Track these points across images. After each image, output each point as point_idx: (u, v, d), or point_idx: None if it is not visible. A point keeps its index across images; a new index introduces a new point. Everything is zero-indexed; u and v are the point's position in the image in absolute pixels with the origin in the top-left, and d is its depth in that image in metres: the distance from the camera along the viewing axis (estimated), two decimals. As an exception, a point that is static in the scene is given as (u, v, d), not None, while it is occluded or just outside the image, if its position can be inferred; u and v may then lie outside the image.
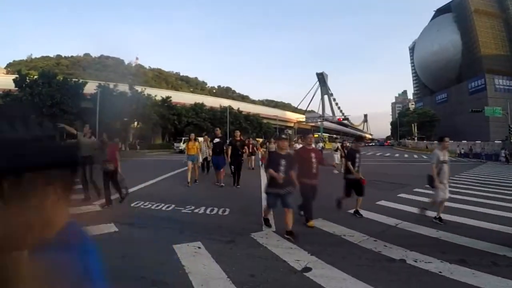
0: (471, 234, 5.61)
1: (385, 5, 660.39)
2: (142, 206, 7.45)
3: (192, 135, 11.47)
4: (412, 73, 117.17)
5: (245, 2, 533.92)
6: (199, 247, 4.62)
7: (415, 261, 4.29)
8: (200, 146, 11.95)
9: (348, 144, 16.49)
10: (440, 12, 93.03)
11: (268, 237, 5.21)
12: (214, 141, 11.01)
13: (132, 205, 7.56)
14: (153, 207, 7.36)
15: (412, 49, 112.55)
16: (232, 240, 5.00)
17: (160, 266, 3.96)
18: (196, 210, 7.11)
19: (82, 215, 6.49)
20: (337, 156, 16.15)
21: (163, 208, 7.25)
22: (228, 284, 3.48)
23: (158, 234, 5.38)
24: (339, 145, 17.39)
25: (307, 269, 3.92)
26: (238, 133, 11.27)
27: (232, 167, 10.70)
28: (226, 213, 6.93)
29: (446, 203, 8.41)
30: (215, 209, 7.16)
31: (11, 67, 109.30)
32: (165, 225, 5.90)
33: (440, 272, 3.96)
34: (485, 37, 75.15)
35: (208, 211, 7.01)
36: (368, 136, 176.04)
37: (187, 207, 7.32)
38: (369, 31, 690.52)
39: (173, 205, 7.46)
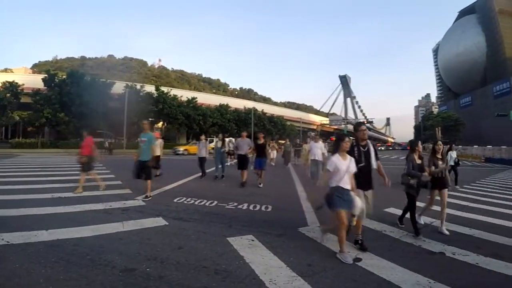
0: (501, 233, 6.01)
1: (407, 7, 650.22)
2: (185, 202, 7.83)
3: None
4: (436, 76, 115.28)
5: (267, 5, 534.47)
6: (252, 240, 4.94)
7: (454, 254, 4.68)
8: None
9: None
10: (464, 13, 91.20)
11: (316, 231, 5.53)
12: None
13: (175, 200, 7.94)
14: (196, 203, 7.74)
15: (435, 52, 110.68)
16: (283, 234, 5.32)
17: (219, 256, 4.21)
18: (240, 206, 7.50)
19: (129, 208, 6.92)
20: None
21: (207, 204, 7.65)
22: (289, 272, 3.78)
23: (208, 227, 5.68)
24: None
25: (358, 259, 4.25)
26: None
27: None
28: (269, 209, 7.31)
29: (479, 205, 8.73)
30: (258, 206, 7.56)
31: (37, 68, 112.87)
32: (213, 219, 6.24)
33: (477, 263, 4.34)
34: (510, 39, 73.32)
35: (251, 207, 7.42)
36: (390, 139, 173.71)
37: (230, 203, 7.74)
38: (392, 33, 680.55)
39: (215, 201, 7.88)
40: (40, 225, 5.24)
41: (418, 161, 5.95)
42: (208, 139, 35.63)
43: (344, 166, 4.48)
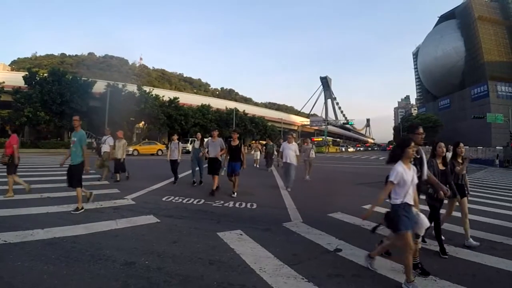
0: (474, 227, 6.38)
1: (389, 11, 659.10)
2: (173, 200, 8.10)
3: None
4: (415, 79, 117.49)
5: (249, 5, 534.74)
6: (241, 234, 5.28)
7: (425, 244, 5.12)
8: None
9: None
10: (444, 18, 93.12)
11: (299, 226, 5.96)
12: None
13: (164, 199, 8.21)
14: (184, 201, 8.03)
15: (415, 55, 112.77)
16: (268, 229, 5.70)
17: (211, 249, 4.51)
18: (226, 204, 7.84)
19: (120, 207, 7.13)
20: None
21: (194, 202, 7.95)
22: (276, 261, 4.14)
23: (198, 223, 5.99)
24: None
25: (338, 249, 4.64)
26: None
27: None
28: (254, 207, 7.68)
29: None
30: (243, 204, 7.93)
31: (16, 65, 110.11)
32: (202, 216, 6.56)
33: (447, 252, 4.78)
34: (488, 44, 75.48)
35: (237, 205, 7.78)
36: (370, 140, 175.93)
37: (217, 201, 8.09)
38: (373, 37, 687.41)
39: (202, 200, 8.22)
40: (34, 225, 5.36)
41: (442, 167, 5.16)
42: (190, 139, 35.37)
43: (410, 177, 3.67)
